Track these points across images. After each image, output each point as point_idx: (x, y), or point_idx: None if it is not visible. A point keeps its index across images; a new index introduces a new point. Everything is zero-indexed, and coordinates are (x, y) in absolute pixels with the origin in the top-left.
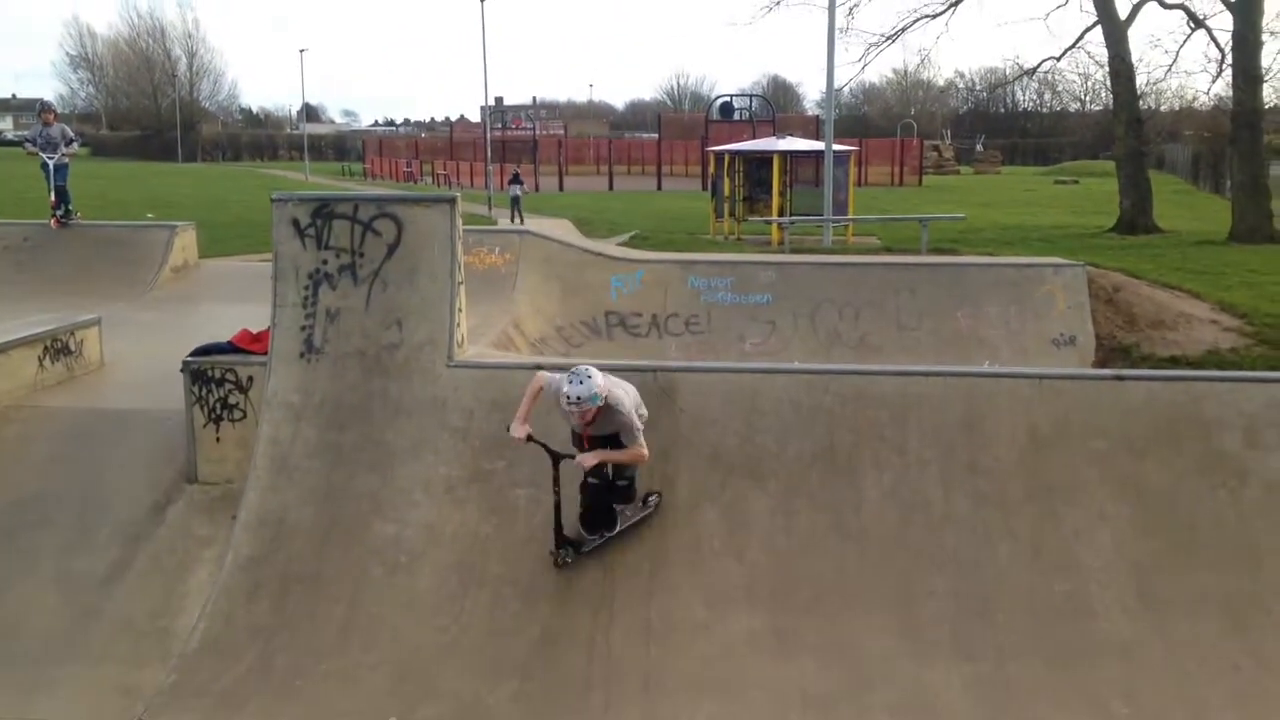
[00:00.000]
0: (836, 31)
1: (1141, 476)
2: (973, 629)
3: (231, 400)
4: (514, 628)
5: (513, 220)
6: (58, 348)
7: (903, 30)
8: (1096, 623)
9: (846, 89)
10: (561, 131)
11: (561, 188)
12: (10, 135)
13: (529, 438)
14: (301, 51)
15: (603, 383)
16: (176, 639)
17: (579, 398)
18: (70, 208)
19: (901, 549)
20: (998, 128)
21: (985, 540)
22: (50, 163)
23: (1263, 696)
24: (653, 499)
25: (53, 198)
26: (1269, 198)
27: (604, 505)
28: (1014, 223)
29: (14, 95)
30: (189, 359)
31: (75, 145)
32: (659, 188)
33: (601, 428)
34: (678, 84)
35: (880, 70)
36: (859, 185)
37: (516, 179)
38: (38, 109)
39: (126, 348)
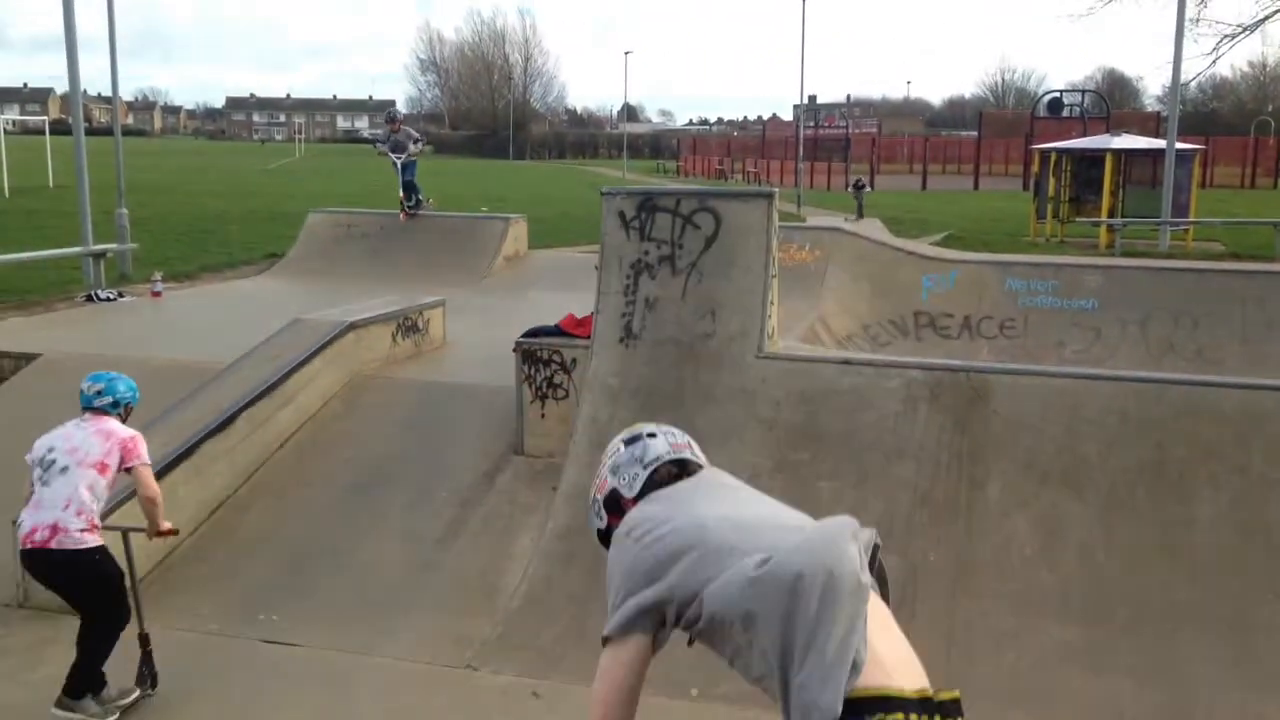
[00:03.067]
0: (1186, 21)
1: None
2: None
3: (556, 380)
4: None
5: (859, 217)
6: (408, 325)
7: (1265, 19)
8: None
9: (1194, 83)
10: (875, 129)
11: (873, 186)
12: (366, 134)
13: None
14: (626, 54)
15: None
16: (502, 595)
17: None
18: (420, 197)
19: (1237, 574)
20: None
21: None
22: (398, 162)
23: None
24: None
25: (401, 193)
26: None
27: None
28: None
29: (370, 96)
30: (520, 340)
31: (420, 145)
32: (976, 187)
33: None
34: (1001, 79)
35: (1233, 62)
36: (1203, 187)
37: (859, 184)
38: (385, 118)
39: (465, 328)
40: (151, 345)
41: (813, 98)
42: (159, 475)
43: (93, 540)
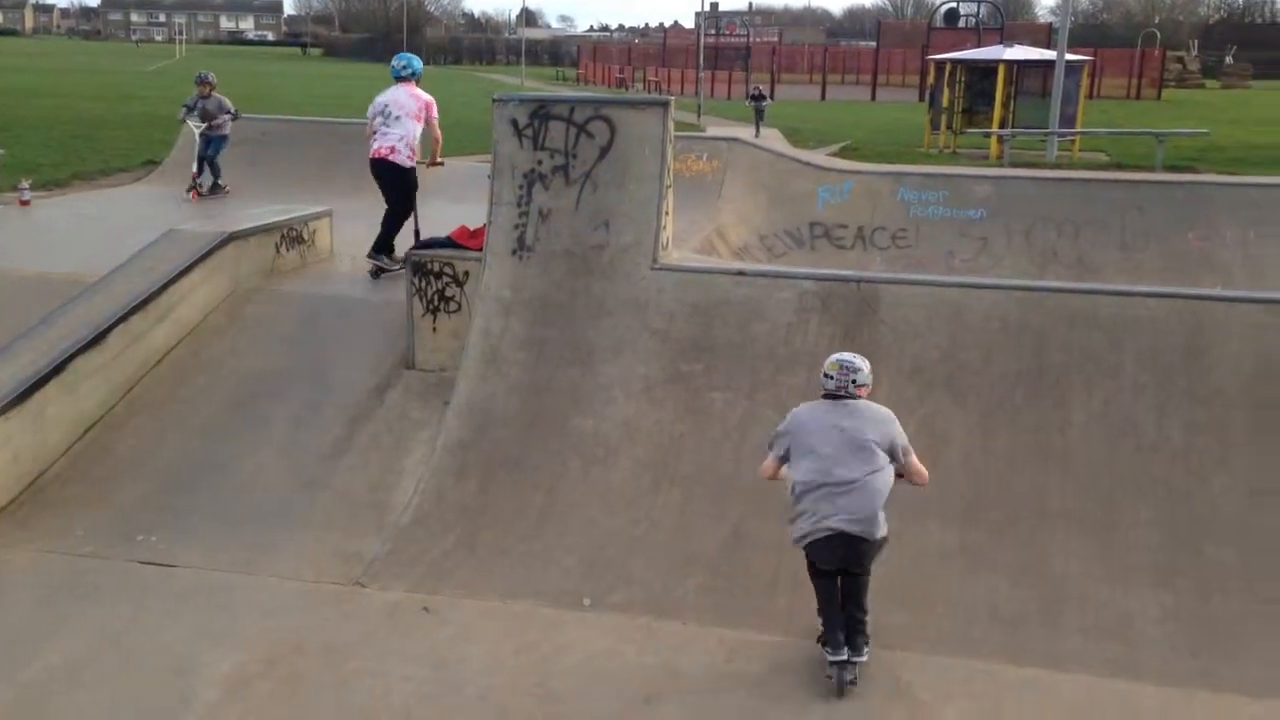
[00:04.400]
0: None
1: None
2: (1177, 559)
3: (448, 293)
4: (704, 525)
5: (757, 133)
6: (293, 237)
7: None
8: None
9: None
10: (775, 39)
11: (772, 96)
12: (251, 35)
13: None
14: None
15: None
16: (391, 512)
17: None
18: (219, 182)
19: (1107, 474)
20: (1253, 40)
21: (1198, 471)
22: (197, 131)
23: None
24: None
25: (195, 167)
26: None
27: None
28: (1264, 142)
29: None
30: (411, 252)
31: (230, 117)
32: (873, 98)
33: None
34: None
35: None
36: (1090, 98)
37: (759, 96)
38: (196, 79)
39: (354, 240)
40: (18, 256)
41: (715, 5)
42: (28, 392)
43: (409, 163)
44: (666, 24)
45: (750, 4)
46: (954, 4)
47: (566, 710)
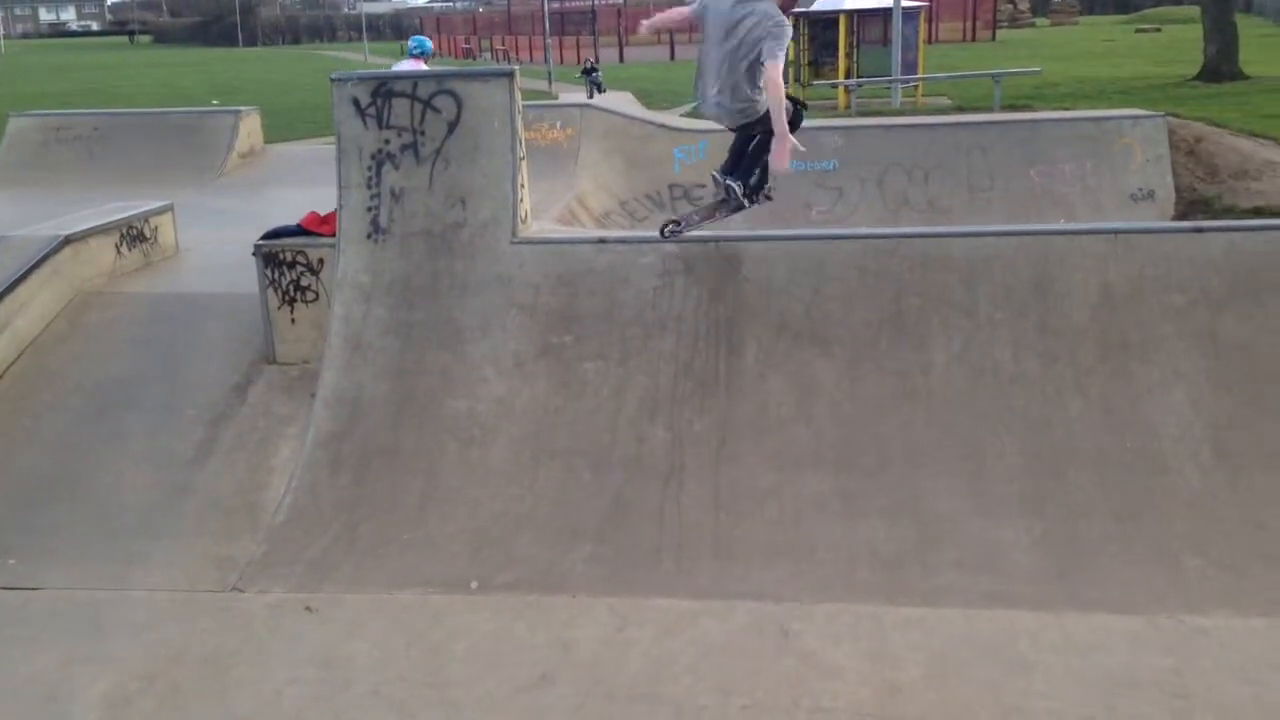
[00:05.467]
0: None
1: (1219, 330)
2: (1041, 487)
3: (304, 282)
4: (586, 497)
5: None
6: (133, 235)
7: None
8: (1168, 478)
9: None
10: (620, 1)
11: (622, 59)
12: (74, 26)
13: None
14: None
15: None
16: (264, 512)
17: None
18: None
19: (970, 411)
20: None
21: (1055, 400)
22: None
23: None
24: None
25: None
26: None
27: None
28: (1092, 75)
29: None
30: (260, 242)
31: None
32: None
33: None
34: None
35: None
36: (929, 43)
37: (592, 68)
38: None
39: (200, 234)
40: None
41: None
42: None
43: None
44: None
45: None
46: None
47: (461, 696)
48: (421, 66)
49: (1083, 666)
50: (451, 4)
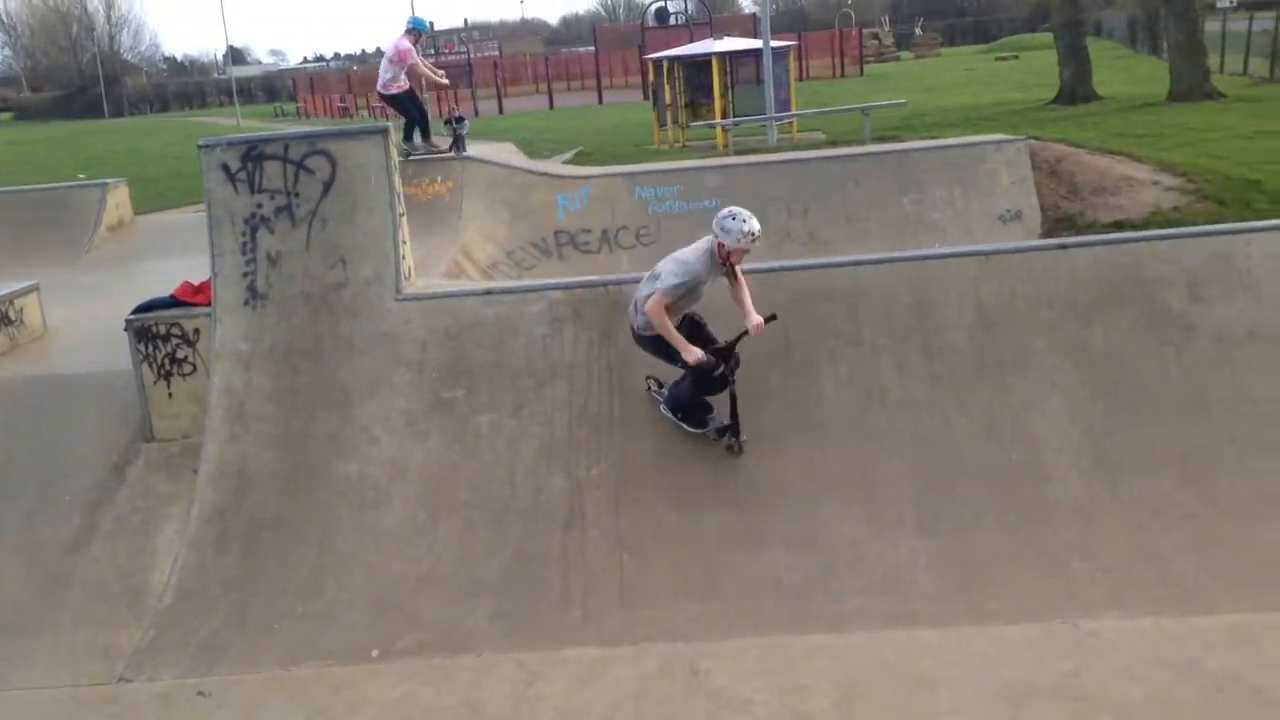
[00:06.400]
0: None
1: (1089, 341)
2: (934, 506)
3: (180, 354)
4: (487, 552)
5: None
6: None
7: None
8: (1052, 487)
9: None
10: (496, 53)
11: (501, 110)
12: None
13: (717, 351)
14: None
15: None
16: (150, 596)
17: (759, 232)
18: None
19: (862, 437)
20: (935, 9)
21: (941, 419)
22: None
23: (1218, 541)
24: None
25: None
26: (1205, 55)
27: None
28: (956, 104)
29: None
30: (131, 316)
31: None
32: (600, 101)
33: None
34: None
35: None
36: (800, 80)
37: (458, 119)
38: None
39: (68, 312)
40: None
41: (430, 24)
42: None
43: (394, 90)
44: (384, 48)
45: (465, 20)
46: (662, 3)
47: None
48: (407, 46)
49: (985, 679)
50: (326, 64)
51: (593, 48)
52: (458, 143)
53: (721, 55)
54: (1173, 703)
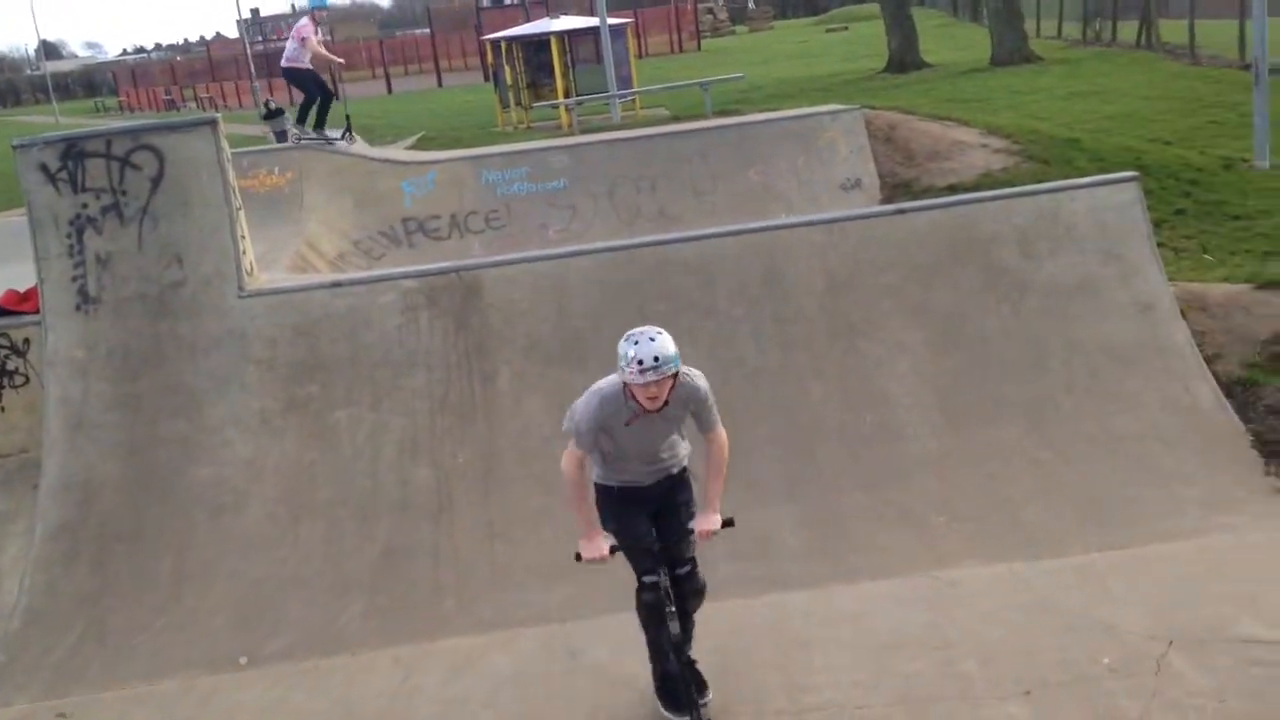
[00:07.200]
0: None
1: (932, 302)
2: (796, 469)
3: (10, 365)
4: (354, 548)
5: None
6: None
7: None
8: (906, 444)
9: None
10: (328, 38)
11: (338, 97)
12: None
13: (613, 549)
14: None
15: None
16: None
17: (658, 358)
18: None
19: (723, 406)
20: None
21: (798, 385)
22: None
23: (1060, 485)
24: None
25: None
26: (1023, 20)
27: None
28: (792, 76)
29: None
30: None
31: None
32: (440, 84)
33: (673, 414)
34: None
35: None
36: (640, 57)
37: (273, 112)
38: None
39: None
40: None
41: (255, 10)
42: None
43: (293, 64)
44: (208, 36)
45: (293, 6)
46: None
47: None
48: (306, 24)
49: (854, 635)
50: (147, 55)
51: (428, 30)
52: (278, 139)
53: (560, 34)
54: (1031, 643)
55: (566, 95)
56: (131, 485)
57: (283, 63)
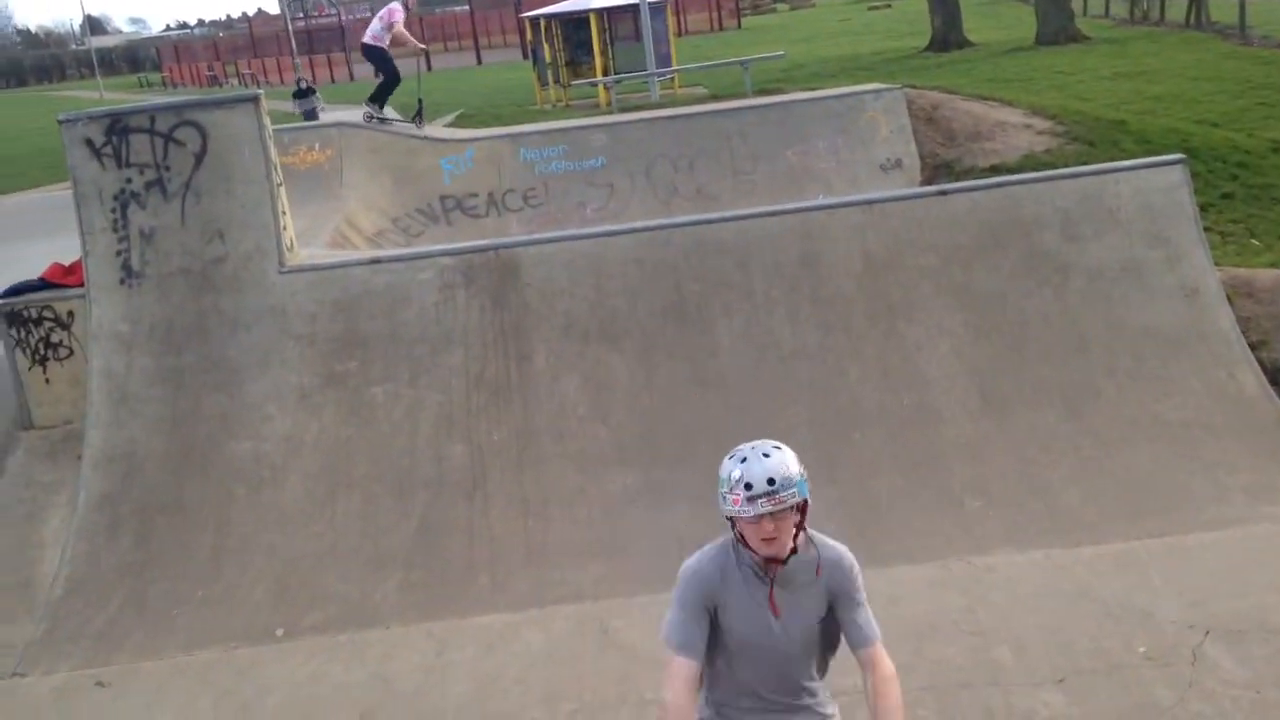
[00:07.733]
0: None
1: (972, 284)
2: (833, 452)
3: (54, 338)
4: (390, 523)
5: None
6: None
7: None
8: (944, 427)
9: None
10: (368, 14)
11: (376, 74)
12: None
13: None
14: None
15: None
16: (40, 588)
17: (774, 480)
18: None
19: (759, 388)
20: None
21: (835, 367)
22: None
23: (1100, 471)
24: None
25: None
26: None
27: None
28: (834, 54)
29: None
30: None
31: None
32: (479, 62)
33: (809, 588)
34: None
35: None
36: (679, 35)
37: (308, 90)
38: None
39: None
40: None
41: None
42: None
43: (374, 43)
44: (250, 13)
45: None
46: None
47: None
48: (397, 9)
49: (888, 618)
50: (190, 31)
51: (467, 7)
52: (306, 117)
53: (599, 12)
54: (1066, 630)
55: (605, 73)
56: (173, 458)
57: (364, 39)
